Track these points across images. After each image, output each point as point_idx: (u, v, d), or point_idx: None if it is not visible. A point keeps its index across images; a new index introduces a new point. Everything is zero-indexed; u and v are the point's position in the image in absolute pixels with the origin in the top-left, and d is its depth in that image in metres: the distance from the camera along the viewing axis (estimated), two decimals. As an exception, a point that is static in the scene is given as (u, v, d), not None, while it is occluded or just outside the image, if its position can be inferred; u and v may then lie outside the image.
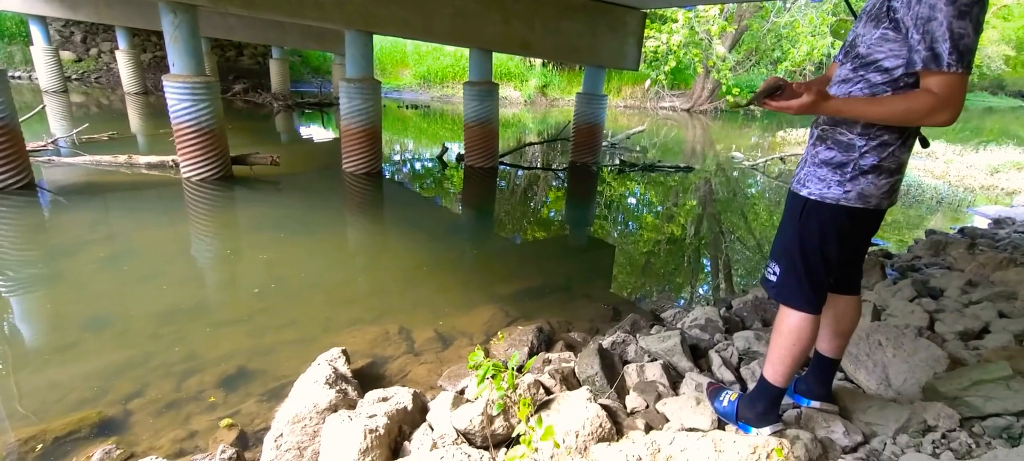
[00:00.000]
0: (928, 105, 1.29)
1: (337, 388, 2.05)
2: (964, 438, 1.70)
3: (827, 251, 1.56)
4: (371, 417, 1.76)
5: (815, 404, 1.87)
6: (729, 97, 16.03)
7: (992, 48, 27.72)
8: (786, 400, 1.92)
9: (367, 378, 2.47)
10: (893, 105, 1.34)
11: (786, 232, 1.63)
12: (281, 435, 1.84)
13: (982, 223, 6.11)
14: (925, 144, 1.62)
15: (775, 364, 1.68)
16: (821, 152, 1.52)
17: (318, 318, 3.11)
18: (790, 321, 1.63)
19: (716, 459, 1.28)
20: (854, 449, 1.74)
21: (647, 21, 9.24)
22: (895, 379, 2.06)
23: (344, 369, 2.27)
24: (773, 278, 1.66)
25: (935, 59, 1.26)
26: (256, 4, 5.22)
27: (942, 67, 1.26)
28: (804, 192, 1.56)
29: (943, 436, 1.72)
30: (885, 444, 1.72)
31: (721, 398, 1.89)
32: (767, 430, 1.72)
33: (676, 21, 13.74)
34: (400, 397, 1.97)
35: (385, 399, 1.97)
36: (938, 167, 9.25)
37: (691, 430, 1.74)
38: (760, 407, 1.75)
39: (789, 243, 1.61)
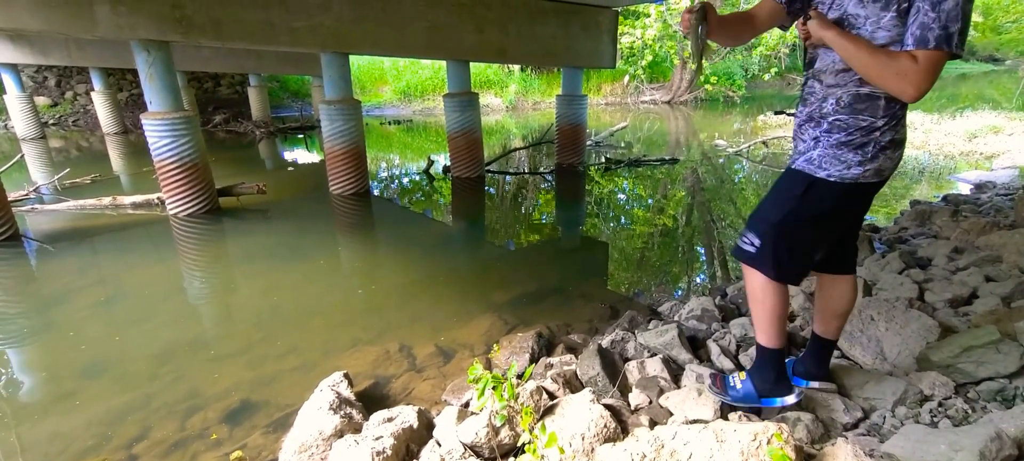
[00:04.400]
0: (904, 69, 1.32)
1: (341, 413, 2.05)
2: (960, 404, 1.73)
3: (827, 228, 1.61)
4: (377, 439, 1.77)
5: (814, 384, 1.90)
6: (699, 77, 16.14)
7: (960, 15, 28.15)
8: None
9: (371, 399, 2.47)
10: (877, 57, 1.37)
11: (780, 208, 1.62)
12: (289, 465, 1.84)
13: (964, 189, 6.21)
14: None
15: (763, 327, 1.72)
16: (839, 137, 1.52)
17: (318, 343, 3.10)
18: (756, 282, 1.66)
19: (718, 448, 1.30)
20: (855, 425, 1.77)
21: (620, 18, 9.33)
22: (889, 352, 2.10)
23: (347, 393, 2.27)
24: (751, 249, 1.66)
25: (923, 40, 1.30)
26: (228, 34, 5.20)
27: (929, 45, 1.29)
28: (821, 174, 1.55)
29: (940, 404, 1.76)
30: (885, 417, 1.76)
31: (732, 384, 1.84)
32: (792, 399, 1.74)
33: (648, 16, 13.87)
34: (405, 416, 1.97)
35: (390, 419, 1.97)
36: (917, 137, 9.40)
37: (694, 422, 1.76)
38: (770, 374, 1.75)
39: (779, 220, 1.61)
